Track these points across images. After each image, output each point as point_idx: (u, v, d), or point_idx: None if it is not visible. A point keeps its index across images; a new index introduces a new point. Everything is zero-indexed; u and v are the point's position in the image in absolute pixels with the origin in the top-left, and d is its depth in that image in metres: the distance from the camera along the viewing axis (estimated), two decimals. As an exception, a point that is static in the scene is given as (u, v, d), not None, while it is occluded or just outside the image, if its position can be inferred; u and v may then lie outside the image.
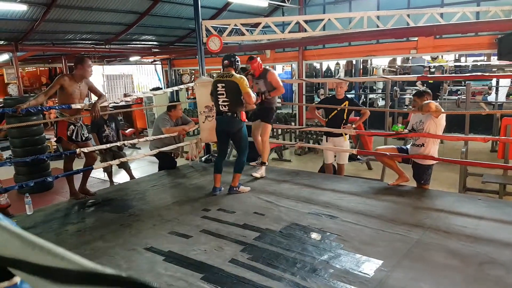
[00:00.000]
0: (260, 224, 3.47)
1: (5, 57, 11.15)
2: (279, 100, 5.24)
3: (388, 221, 3.46)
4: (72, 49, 11.01)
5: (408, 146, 4.50)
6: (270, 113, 5.09)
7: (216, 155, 6.31)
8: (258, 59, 5.06)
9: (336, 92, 5.32)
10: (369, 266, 2.68)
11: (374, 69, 15.02)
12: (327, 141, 5.45)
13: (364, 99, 12.30)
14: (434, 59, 13.13)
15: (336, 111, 5.27)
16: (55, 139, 4.82)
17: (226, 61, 4.43)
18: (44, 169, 7.05)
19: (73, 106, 4.25)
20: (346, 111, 5.23)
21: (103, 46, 11.33)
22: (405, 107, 10.24)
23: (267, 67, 5.49)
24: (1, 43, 9.62)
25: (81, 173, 4.57)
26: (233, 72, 4.34)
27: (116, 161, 5.20)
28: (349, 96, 5.77)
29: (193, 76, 15.72)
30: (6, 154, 8.76)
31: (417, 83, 10.12)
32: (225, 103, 4.35)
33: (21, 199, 4.49)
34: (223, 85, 4.33)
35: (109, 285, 0.43)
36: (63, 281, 0.44)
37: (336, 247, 2.99)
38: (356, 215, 3.62)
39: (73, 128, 4.42)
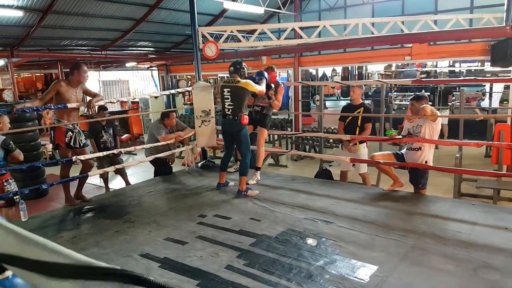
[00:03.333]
0: (256, 230, 3.47)
1: (0, 62, 11.14)
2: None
3: (384, 226, 3.47)
4: (68, 55, 11.02)
5: (404, 151, 4.53)
6: (267, 119, 5.23)
7: (212, 161, 6.37)
8: (276, 70, 5.35)
9: (351, 98, 5.36)
10: (365, 272, 2.69)
11: (370, 74, 15.14)
12: (342, 149, 5.45)
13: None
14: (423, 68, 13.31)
15: (351, 117, 5.27)
16: (51, 145, 4.81)
17: (232, 68, 4.68)
18: (39, 175, 7.01)
19: (69, 105, 4.24)
20: (360, 118, 5.21)
21: (100, 52, 11.34)
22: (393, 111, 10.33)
23: (279, 80, 5.72)
24: (-3, 49, 9.62)
25: (76, 179, 4.55)
26: (239, 78, 4.56)
27: (112, 168, 5.20)
28: (366, 102, 5.78)
29: (189, 82, 15.76)
30: None
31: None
32: (230, 107, 4.58)
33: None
34: (229, 90, 4.58)
35: (103, 278, 0.44)
36: (58, 275, 0.45)
37: (331, 252, 3.00)
38: (351, 220, 3.64)
39: (71, 134, 4.40)
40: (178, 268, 2.84)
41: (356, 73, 14.67)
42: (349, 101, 6.06)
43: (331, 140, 8.86)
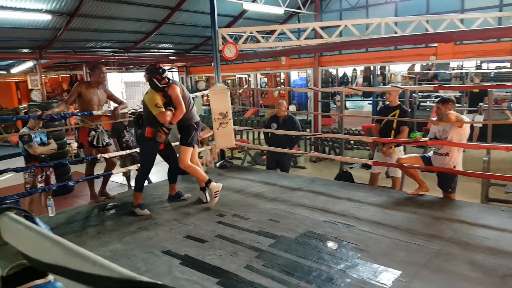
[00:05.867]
0: (275, 231, 3.45)
1: (29, 64, 11.53)
2: (196, 114, 4.27)
3: (407, 231, 3.39)
4: (93, 56, 11.30)
5: (430, 154, 4.40)
6: (186, 133, 4.17)
7: (230, 161, 6.39)
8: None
9: (387, 100, 5.23)
10: (387, 277, 2.63)
11: (392, 75, 14.85)
12: (377, 152, 5.31)
13: (382, 105, 12.16)
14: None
15: (387, 120, 5.10)
16: (76, 144, 4.99)
17: (145, 73, 4.00)
18: (65, 172, 7.22)
19: (94, 112, 4.39)
20: (396, 120, 5.03)
21: (122, 54, 11.58)
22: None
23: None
24: (26, 51, 9.96)
25: (101, 177, 4.68)
26: (150, 88, 3.94)
27: (135, 167, 5.29)
28: (403, 104, 5.50)
29: (208, 83, 15.91)
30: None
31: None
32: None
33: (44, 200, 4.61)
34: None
35: None
36: (103, 286, 0.46)
37: (353, 256, 2.94)
38: (373, 224, 3.56)
39: (94, 134, 4.53)
40: (198, 265, 2.86)
41: (379, 73, 14.40)
42: (380, 103, 5.85)
43: (351, 142, 8.72)
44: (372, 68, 14.24)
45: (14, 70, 12.79)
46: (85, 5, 7.94)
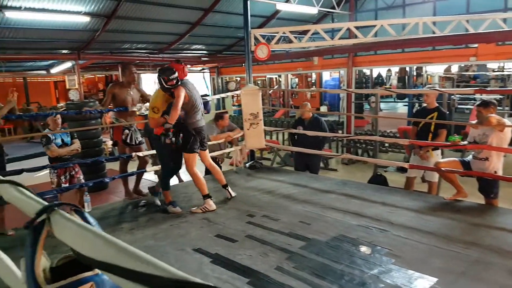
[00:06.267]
0: (306, 234, 3.41)
1: (68, 65, 12.05)
2: (199, 120, 4.15)
3: (444, 237, 3.26)
4: (128, 57, 11.64)
5: (469, 158, 4.21)
6: (185, 139, 4.04)
7: (260, 162, 6.39)
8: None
9: (426, 102, 5.07)
10: (423, 283, 2.53)
11: (429, 76, 14.35)
12: (414, 155, 5.16)
13: (419, 107, 11.77)
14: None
15: (424, 122, 4.94)
16: (111, 142, 5.16)
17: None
18: (100, 170, 7.46)
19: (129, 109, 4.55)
20: (434, 123, 4.85)
21: (157, 55, 11.85)
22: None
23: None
24: (66, 52, 10.41)
25: (135, 175, 4.80)
26: (159, 89, 4.03)
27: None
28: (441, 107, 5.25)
29: (238, 84, 16.00)
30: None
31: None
32: None
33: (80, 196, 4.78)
34: None
35: None
36: (156, 286, 0.48)
37: (387, 262, 2.86)
38: (408, 229, 3.45)
39: (128, 132, 4.69)
40: (229, 265, 2.87)
41: (415, 73, 13.94)
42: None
43: (386, 144, 8.49)
44: (407, 69, 13.82)
45: (53, 70, 13.39)
46: (122, 7, 8.19)
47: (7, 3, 7.04)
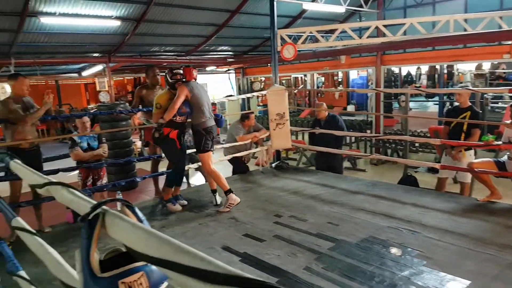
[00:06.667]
0: (334, 235, 3.39)
1: (99, 67, 12.45)
2: (207, 119, 4.17)
3: (477, 239, 3.17)
4: (156, 60, 11.88)
5: (504, 159, 4.07)
6: (197, 139, 4.18)
7: (286, 162, 6.39)
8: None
9: (458, 101, 4.96)
10: (455, 286, 2.49)
11: (460, 74, 13.88)
12: (446, 155, 5.04)
13: (450, 107, 11.42)
14: None
15: (456, 121, 4.81)
16: (140, 143, 5.31)
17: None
18: (131, 169, 7.67)
19: None
20: (466, 122, 4.69)
21: (184, 57, 12.05)
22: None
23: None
24: (97, 55, 10.76)
25: (165, 174, 4.92)
26: (166, 87, 4.21)
27: (195, 165, 5.49)
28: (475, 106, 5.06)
29: (263, 84, 16.02)
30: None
31: None
32: None
33: (111, 196, 4.95)
34: None
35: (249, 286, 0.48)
36: (212, 281, 0.52)
37: (418, 263, 2.81)
38: (440, 231, 3.37)
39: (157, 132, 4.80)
40: (258, 264, 2.91)
41: (446, 71, 13.50)
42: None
43: (416, 144, 8.29)
44: (438, 66, 13.44)
45: (85, 73, 13.87)
46: (151, 10, 8.38)
47: (42, 9, 7.36)
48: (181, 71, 4.06)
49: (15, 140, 3.80)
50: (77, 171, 4.84)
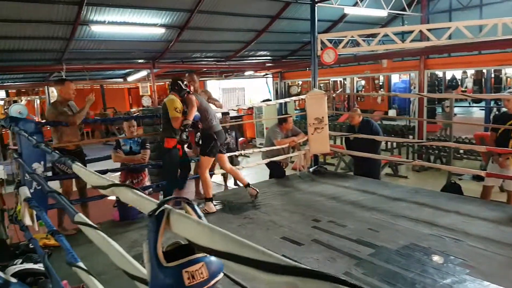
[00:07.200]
0: (375, 241, 3.37)
1: (143, 73, 13.00)
2: (216, 124, 4.46)
3: (526, 251, 3.04)
4: (197, 66, 12.21)
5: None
6: (206, 142, 4.37)
7: (324, 166, 6.36)
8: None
9: (506, 107, 4.80)
10: (501, 297, 2.40)
11: (509, 79, 13.17)
12: (492, 162, 4.88)
13: (497, 113, 10.86)
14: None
15: (504, 128, 4.64)
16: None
17: (169, 85, 4.42)
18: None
19: None
20: None
21: (223, 63, 12.30)
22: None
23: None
24: (142, 61, 11.25)
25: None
26: (170, 95, 4.25)
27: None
28: None
29: (300, 88, 15.96)
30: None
31: None
32: (162, 128, 4.39)
33: (154, 197, 5.16)
34: (161, 107, 4.38)
35: (309, 277, 0.55)
36: (273, 271, 0.59)
37: (460, 272, 2.74)
38: (485, 240, 3.26)
39: (199, 136, 4.97)
40: (297, 267, 2.93)
41: (493, 76, 12.86)
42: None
43: (461, 151, 7.97)
44: (484, 71, 12.83)
45: (130, 78, 14.51)
46: (194, 18, 8.67)
47: (93, 18, 7.83)
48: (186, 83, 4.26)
49: (62, 142, 4.09)
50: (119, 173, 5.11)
